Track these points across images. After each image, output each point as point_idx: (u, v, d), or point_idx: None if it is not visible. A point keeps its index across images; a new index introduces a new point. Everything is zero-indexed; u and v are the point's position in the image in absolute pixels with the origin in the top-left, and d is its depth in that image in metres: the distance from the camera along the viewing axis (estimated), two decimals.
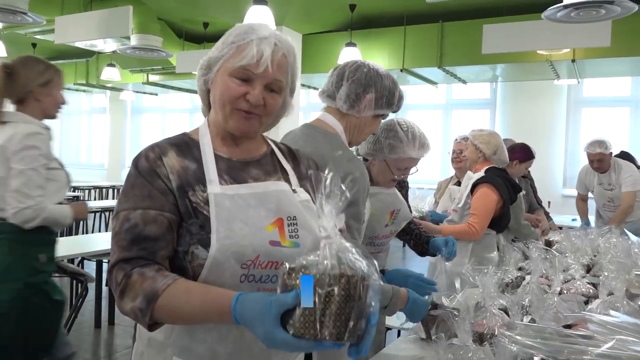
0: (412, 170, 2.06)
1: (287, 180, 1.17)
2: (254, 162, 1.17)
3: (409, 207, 2.41)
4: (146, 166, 1.07)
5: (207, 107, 1.19)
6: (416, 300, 1.59)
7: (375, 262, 0.88)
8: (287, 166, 1.21)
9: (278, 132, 1.48)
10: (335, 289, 0.82)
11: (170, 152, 1.10)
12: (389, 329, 2.46)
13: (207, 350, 1.07)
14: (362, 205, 1.54)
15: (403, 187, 2.39)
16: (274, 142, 1.27)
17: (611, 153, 4.36)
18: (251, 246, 1.03)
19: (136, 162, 1.09)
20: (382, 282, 0.88)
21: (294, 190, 1.15)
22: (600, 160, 4.33)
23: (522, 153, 3.57)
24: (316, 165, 1.30)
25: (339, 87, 1.64)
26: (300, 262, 0.86)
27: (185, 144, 1.13)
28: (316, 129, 1.64)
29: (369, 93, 1.62)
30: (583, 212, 4.84)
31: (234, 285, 1.02)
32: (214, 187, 1.07)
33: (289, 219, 1.09)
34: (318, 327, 0.82)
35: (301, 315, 0.83)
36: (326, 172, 0.88)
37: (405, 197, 2.42)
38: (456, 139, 3.85)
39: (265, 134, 1.28)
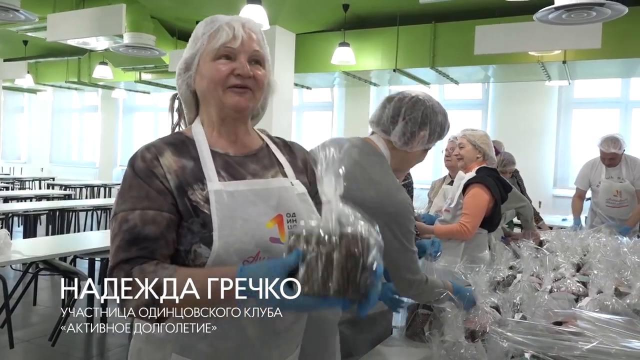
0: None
1: (284, 174, 1.18)
2: (251, 157, 1.17)
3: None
4: (143, 167, 1.06)
5: (194, 113, 1.20)
6: (459, 289, 1.60)
7: (377, 225, 0.91)
8: (283, 159, 1.22)
9: (272, 127, 1.49)
10: (336, 247, 0.85)
11: (167, 151, 1.09)
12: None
13: (208, 347, 1.06)
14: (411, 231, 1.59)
15: (408, 190, 2.38)
16: (269, 136, 1.28)
17: (624, 150, 4.32)
18: (252, 242, 1.04)
19: (132, 162, 1.08)
20: (381, 241, 0.90)
21: (291, 184, 1.16)
22: (613, 159, 4.32)
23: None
24: (313, 159, 1.31)
25: (395, 124, 1.63)
26: (302, 226, 0.90)
27: (182, 143, 1.13)
28: (370, 147, 1.66)
29: (423, 130, 1.63)
30: (578, 211, 4.76)
31: None
32: (214, 184, 1.07)
33: (288, 215, 1.10)
34: (321, 283, 0.85)
35: (305, 273, 0.86)
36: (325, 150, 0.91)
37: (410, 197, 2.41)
38: (450, 139, 3.77)
39: (258, 128, 1.28)
